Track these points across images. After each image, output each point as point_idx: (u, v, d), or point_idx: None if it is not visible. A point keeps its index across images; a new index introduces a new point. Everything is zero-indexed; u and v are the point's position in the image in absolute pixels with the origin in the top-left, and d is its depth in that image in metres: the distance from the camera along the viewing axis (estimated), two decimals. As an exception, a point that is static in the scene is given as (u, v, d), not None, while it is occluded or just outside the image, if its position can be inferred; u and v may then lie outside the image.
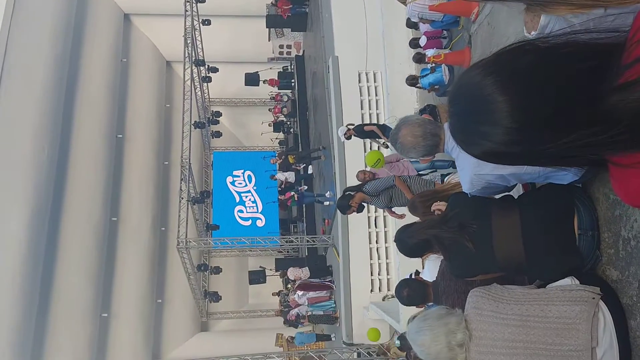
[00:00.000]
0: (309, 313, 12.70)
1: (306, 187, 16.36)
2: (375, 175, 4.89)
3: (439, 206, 2.50)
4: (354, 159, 9.68)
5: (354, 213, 4.79)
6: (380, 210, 9.55)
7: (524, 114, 0.81)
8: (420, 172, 5.15)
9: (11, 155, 15.17)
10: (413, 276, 2.72)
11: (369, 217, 9.80)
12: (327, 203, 13.43)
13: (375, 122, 9.65)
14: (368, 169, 5.13)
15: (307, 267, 14.51)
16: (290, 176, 16.79)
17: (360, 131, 6.67)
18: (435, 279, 2.58)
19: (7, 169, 15.01)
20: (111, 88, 18.90)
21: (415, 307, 2.82)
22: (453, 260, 2.12)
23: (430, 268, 2.82)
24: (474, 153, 0.90)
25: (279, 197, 16.72)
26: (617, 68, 0.78)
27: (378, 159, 4.91)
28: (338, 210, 5.03)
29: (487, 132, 0.85)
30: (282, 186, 17.11)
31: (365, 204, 4.72)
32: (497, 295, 1.85)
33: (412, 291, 2.65)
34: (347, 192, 4.79)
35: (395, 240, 2.48)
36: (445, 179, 3.14)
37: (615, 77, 0.78)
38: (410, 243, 2.24)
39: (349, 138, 6.91)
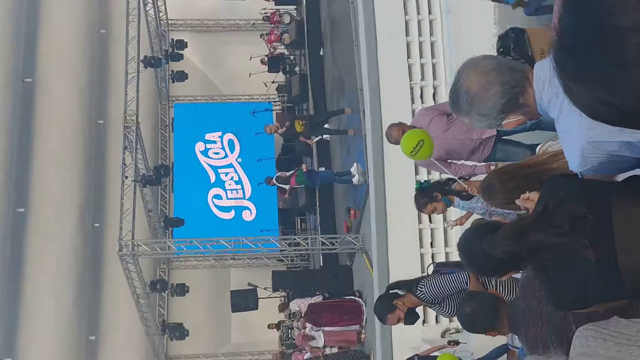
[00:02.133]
0: (324, 352, 12.91)
1: (322, 169, 16.41)
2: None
3: (529, 200, 2.50)
4: (394, 116, 9.69)
5: (400, 322, 4.78)
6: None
7: None
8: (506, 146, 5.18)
9: None
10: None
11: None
12: (354, 181, 13.50)
13: (430, 63, 9.69)
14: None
15: (320, 295, 14.66)
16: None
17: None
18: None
19: None
20: (14, 8, 19.02)
21: (484, 334, 2.86)
22: (556, 282, 2.10)
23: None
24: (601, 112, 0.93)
25: (278, 175, 16.74)
26: None
27: (420, 140, 4.51)
28: (370, 197, 5.17)
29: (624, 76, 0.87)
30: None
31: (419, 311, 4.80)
32: (619, 335, 1.85)
33: (478, 307, 2.68)
34: (392, 291, 4.83)
35: (461, 249, 2.50)
36: (537, 149, 3.14)
37: None
38: (494, 256, 2.25)
39: None
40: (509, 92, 2.19)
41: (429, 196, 5.16)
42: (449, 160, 5.54)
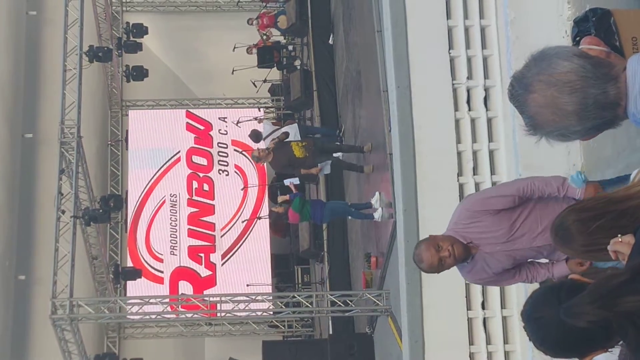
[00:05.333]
0: None
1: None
2: None
3: (623, 243, 2.50)
4: (430, 127, 9.69)
5: None
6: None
7: None
8: None
9: None
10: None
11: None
12: (375, 217, 13.48)
13: (482, 55, 9.69)
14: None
15: None
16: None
17: None
18: None
19: None
20: None
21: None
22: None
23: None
24: None
25: (274, 209, 16.75)
26: None
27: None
28: (397, 239, 5.15)
29: None
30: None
31: None
32: None
33: None
34: None
35: (526, 319, 2.50)
36: (631, 176, 3.15)
37: None
38: (575, 328, 2.24)
39: None
40: (589, 133, 2.21)
41: None
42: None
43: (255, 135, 17.25)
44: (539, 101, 2.22)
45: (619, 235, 2.51)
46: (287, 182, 17.25)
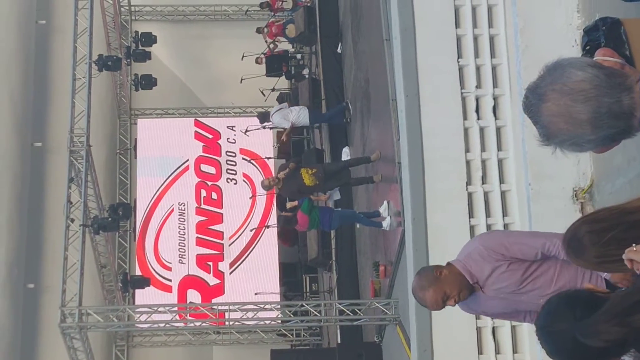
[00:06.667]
0: None
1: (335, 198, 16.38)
2: None
3: (638, 253, 2.49)
4: (438, 136, 9.68)
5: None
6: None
7: None
8: None
9: None
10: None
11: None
12: (384, 226, 13.47)
13: (490, 65, 9.67)
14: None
15: None
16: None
17: None
18: None
19: None
20: None
21: None
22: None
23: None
24: None
25: (283, 213, 16.72)
26: None
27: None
28: (406, 248, 5.03)
29: None
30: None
31: None
32: None
33: None
34: None
35: (540, 329, 2.50)
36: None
37: None
38: (590, 345, 2.22)
39: None
40: (604, 143, 2.20)
41: None
42: None
43: (263, 116, 17.33)
44: (552, 110, 2.21)
45: (634, 245, 2.50)
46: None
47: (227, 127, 22.40)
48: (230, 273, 20.88)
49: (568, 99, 2.20)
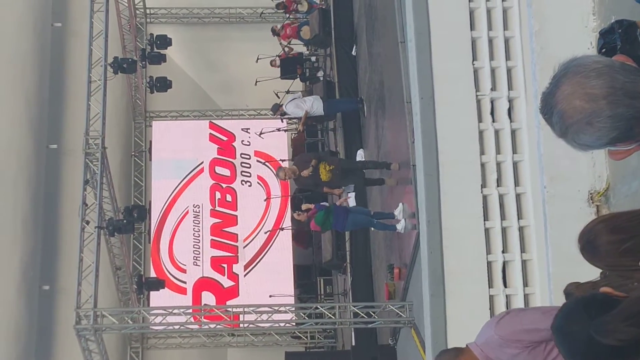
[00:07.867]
0: None
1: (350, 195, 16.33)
2: None
3: None
4: (453, 138, 9.66)
5: None
6: (511, 232, 9.58)
7: None
8: None
9: None
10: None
11: (489, 260, 9.80)
12: (398, 228, 13.45)
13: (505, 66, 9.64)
14: None
15: None
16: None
17: None
18: None
19: None
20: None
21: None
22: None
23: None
24: None
25: (295, 214, 16.64)
26: None
27: None
28: (421, 250, 5.02)
29: None
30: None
31: None
32: None
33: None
34: None
35: (555, 330, 2.49)
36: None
37: None
38: (605, 344, 2.22)
39: None
40: (620, 126, 2.18)
41: None
42: None
43: (274, 107, 17.35)
44: (566, 90, 2.20)
45: None
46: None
47: (242, 129, 22.43)
48: (245, 275, 20.89)
49: (581, 77, 2.20)
